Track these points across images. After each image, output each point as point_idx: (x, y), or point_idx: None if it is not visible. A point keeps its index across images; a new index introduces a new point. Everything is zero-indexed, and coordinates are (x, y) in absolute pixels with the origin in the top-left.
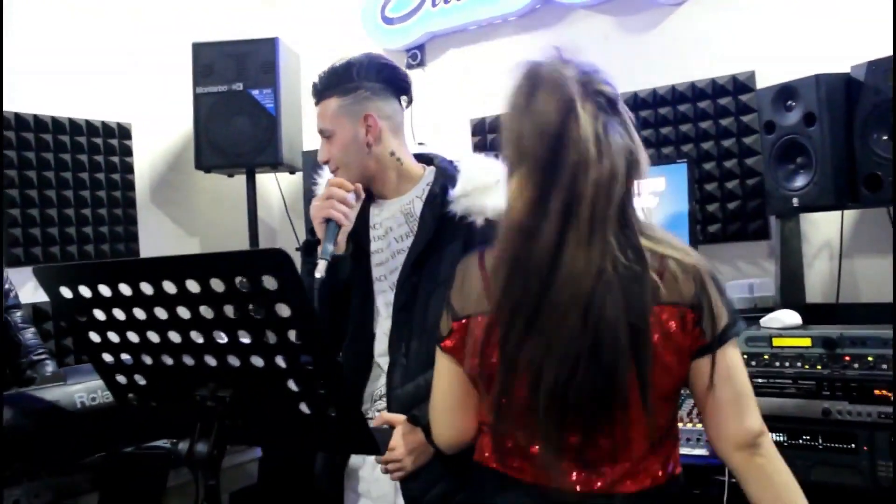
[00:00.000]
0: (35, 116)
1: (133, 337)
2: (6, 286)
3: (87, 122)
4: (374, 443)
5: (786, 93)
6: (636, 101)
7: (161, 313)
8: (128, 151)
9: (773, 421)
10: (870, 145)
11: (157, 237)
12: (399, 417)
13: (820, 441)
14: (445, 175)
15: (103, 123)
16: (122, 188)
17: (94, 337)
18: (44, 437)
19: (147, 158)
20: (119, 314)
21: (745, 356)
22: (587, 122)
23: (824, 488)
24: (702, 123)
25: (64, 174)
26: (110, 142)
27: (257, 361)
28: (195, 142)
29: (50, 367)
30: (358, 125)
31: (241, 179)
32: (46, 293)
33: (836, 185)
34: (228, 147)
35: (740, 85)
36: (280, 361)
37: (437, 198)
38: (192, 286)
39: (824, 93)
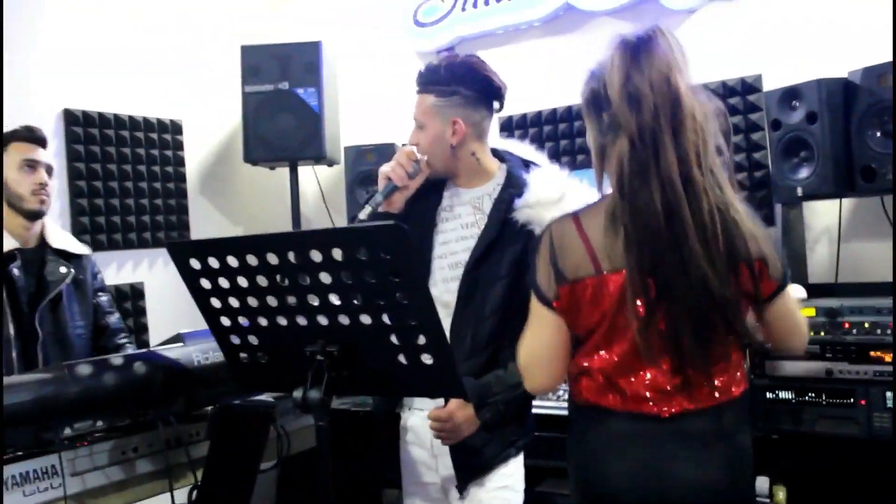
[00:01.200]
0: (100, 114)
1: (253, 301)
2: (94, 269)
3: (145, 118)
4: (462, 388)
5: (791, 94)
6: None
7: (282, 280)
8: (179, 146)
9: (783, 381)
10: (865, 141)
11: (206, 225)
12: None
13: (824, 398)
14: (515, 183)
15: (158, 120)
16: (175, 180)
17: (216, 302)
18: (169, 389)
19: (196, 152)
20: (242, 282)
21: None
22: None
23: (828, 439)
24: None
25: (125, 167)
26: (164, 137)
27: (365, 319)
28: (244, 137)
29: (130, 350)
30: (446, 126)
31: (281, 172)
32: (176, 265)
33: (836, 175)
34: (275, 142)
35: (748, 86)
36: (386, 319)
37: (504, 203)
38: (316, 256)
39: (825, 95)
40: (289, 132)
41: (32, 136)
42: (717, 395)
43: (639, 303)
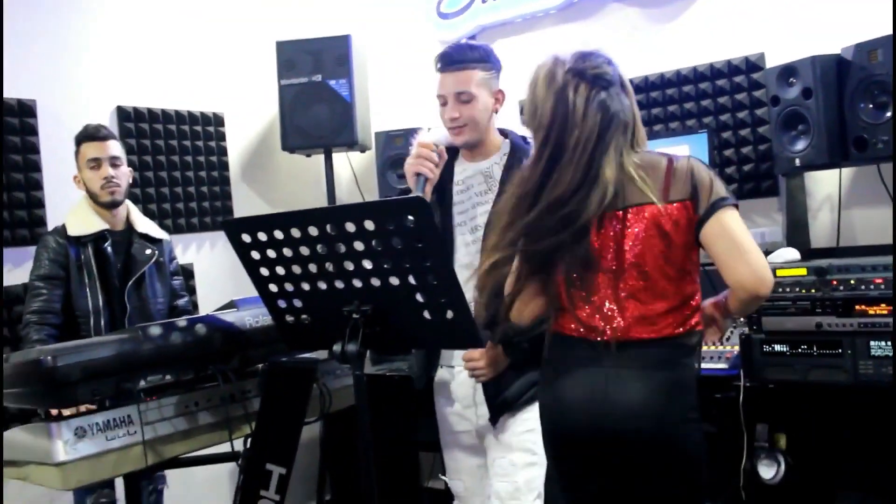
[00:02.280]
0: (149, 109)
1: (296, 269)
2: (172, 254)
3: (189, 112)
4: (480, 339)
5: (788, 72)
6: (662, 81)
7: (322, 249)
8: (222, 137)
9: (778, 335)
10: (857, 113)
11: (248, 209)
12: None
13: (814, 349)
14: (518, 149)
15: (202, 113)
16: (219, 169)
17: (264, 271)
18: (226, 348)
19: (238, 143)
20: (287, 252)
21: None
22: (572, 98)
23: (820, 387)
24: (719, 98)
25: (173, 158)
26: (208, 129)
27: (394, 281)
28: (281, 127)
29: None
30: (491, 97)
31: (316, 159)
32: (230, 239)
33: (830, 146)
34: (310, 130)
35: (751, 65)
36: (412, 279)
37: (515, 168)
38: (350, 227)
39: (819, 71)
40: (323, 121)
41: (93, 135)
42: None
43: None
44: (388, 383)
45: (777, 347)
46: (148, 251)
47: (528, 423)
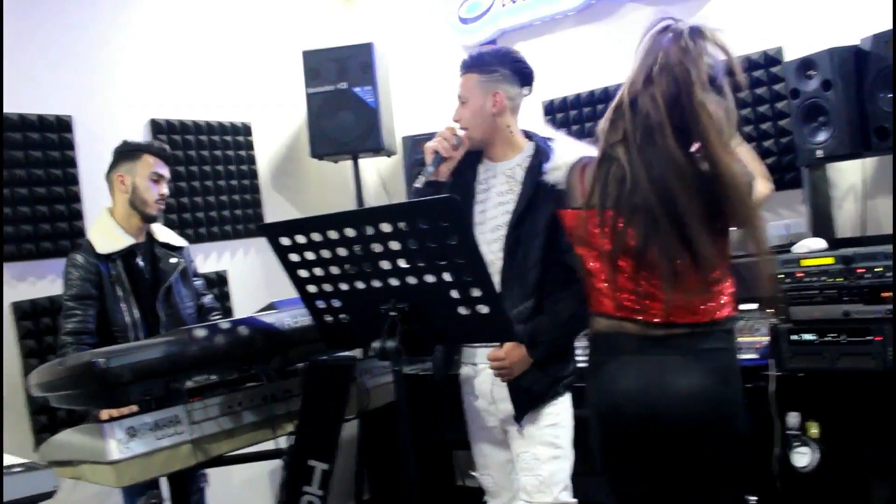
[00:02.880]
0: (181, 121)
1: (334, 270)
2: (190, 258)
3: (219, 123)
4: (514, 332)
5: (806, 64)
6: None
7: (359, 250)
8: (250, 146)
9: (805, 324)
10: (878, 103)
11: (278, 216)
12: None
13: (843, 337)
14: (542, 152)
15: (231, 123)
16: (249, 177)
17: (303, 273)
18: (267, 348)
19: (266, 151)
20: (325, 253)
21: (781, 275)
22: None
23: (849, 374)
24: (739, 93)
25: (205, 168)
26: (237, 139)
27: (430, 278)
28: (309, 134)
29: None
30: (487, 98)
31: (344, 165)
32: (269, 242)
33: (852, 137)
34: (337, 137)
35: (770, 59)
36: (446, 276)
37: (536, 169)
38: (386, 227)
39: (837, 63)
40: (349, 128)
41: (163, 154)
42: (698, 315)
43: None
44: (421, 382)
45: (805, 336)
46: (173, 260)
47: (551, 418)
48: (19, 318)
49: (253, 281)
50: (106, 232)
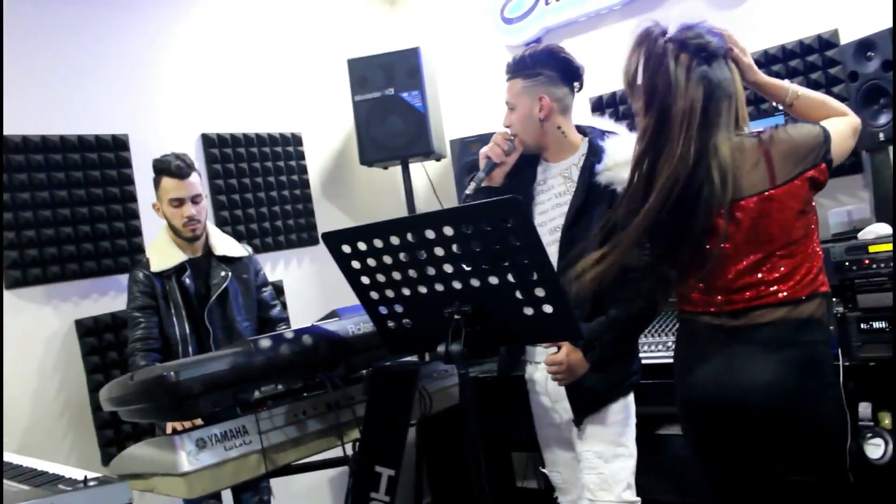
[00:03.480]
0: (231, 135)
1: (396, 275)
2: (256, 267)
3: (269, 134)
4: (580, 331)
5: (865, 45)
6: None
7: (421, 254)
8: (301, 156)
9: (875, 311)
10: None
11: (330, 225)
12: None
13: None
14: (595, 151)
15: (281, 134)
16: (300, 187)
17: (365, 280)
18: (331, 356)
19: (317, 160)
20: (387, 259)
21: (847, 263)
22: (672, 69)
23: None
24: (793, 79)
25: (256, 179)
26: (287, 149)
27: (493, 280)
28: (358, 141)
29: None
30: (534, 103)
31: (393, 171)
32: (330, 251)
33: None
34: (386, 143)
35: (825, 42)
36: (511, 278)
37: (588, 170)
38: (448, 231)
39: None
40: (398, 133)
41: (175, 173)
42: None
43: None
44: (480, 385)
45: (875, 324)
46: (222, 273)
47: (614, 415)
48: (83, 335)
49: (308, 290)
50: (160, 250)
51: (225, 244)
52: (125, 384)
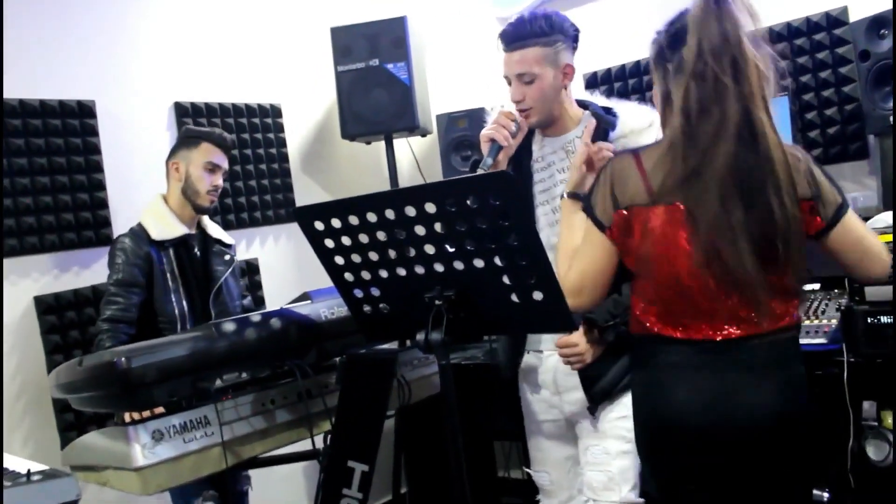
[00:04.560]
0: (206, 104)
1: (373, 256)
2: (232, 253)
3: (247, 105)
4: (572, 321)
5: (878, 23)
6: None
7: (400, 233)
8: (280, 128)
9: (883, 305)
10: None
11: (310, 201)
12: None
13: None
14: (603, 120)
15: (259, 105)
16: (279, 161)
17: (339, 260)
18: (301, 342)
19: (296, 133)
20: (363, 238)
21: None
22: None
23: None
24: (799, 59)
25: (233, 152)
26: (266, 121)
27: (479, 263)
28: (340, 114)
29: None
30: (558, 72)
31: (376, 146)
32: (301, 228)
33: None
34: (369, 116)
35: (833, 20)
36: (498, 261)
37: (599, 139)
38: (430, 208)
39: None
40: (382, 106)
41: (222, 143)
42: (772, 322)
43: (683, 234)
44: (463, 372)
45: (883, 319)
46: (227, 257)
47: (622, 409)
48: (42, 313)
49: (285, 269)
50: (160, 218)
51: (217, 227)
52: (73, 370)
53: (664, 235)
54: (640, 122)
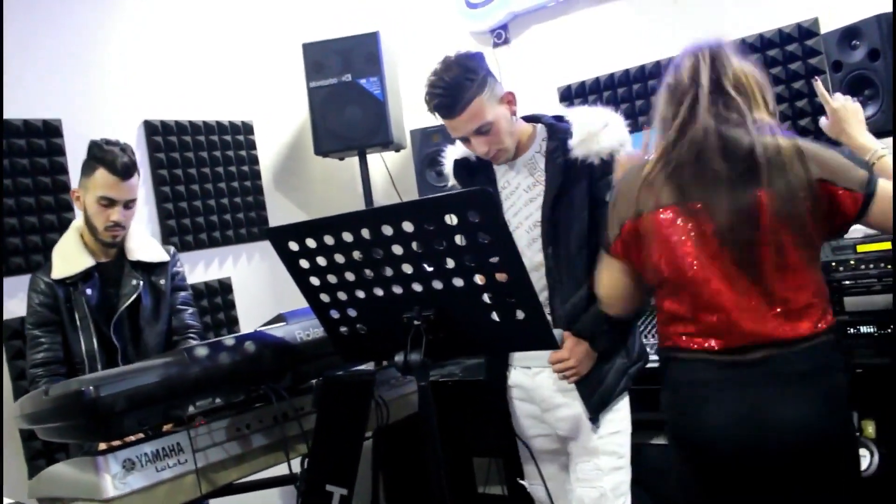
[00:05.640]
0: (177, 122)
1: (350, 276)
2: (177, 268)
3: (218, 122)
4: (554, 339)
5: (850, 33)
6: None
7: (377, 252)
8: (252, 145)
9: (863, 315)
10: None
11: (283, 218)
12: (565, 332)
13: None
14: (558, 129)
15: (230, 122)
16: (251, 178)
17: (314, 281)
18: (277, 365)
19: (269, 150)
20: (339, 258)
21: (833, 264)
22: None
23: None
24: (772, 70)
25: (204, 170)
26: (237, 138)
27: (458, 282)
28: (313, 130)
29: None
30: (503, 105)
31: (350, 162)
32: (275, 249)
33: None
34: (343, 132)
35: (805, 31)
36: (477, 280)
37: (559, 150)
38: (408, 226)
39: (886, 30)
40: (355, 122)
41: (117, 170)
42: (795, 327)
43: (685, 237)
44: (440, 389)
45: (863, 329)
46: (133, 282)
47: (614, 424)
48: (9, 338)
49: (258, 288)
50: (66, 252)
51: (142, 248)
52: (39, 399)
53: (671, 236)
54: (596, 124)
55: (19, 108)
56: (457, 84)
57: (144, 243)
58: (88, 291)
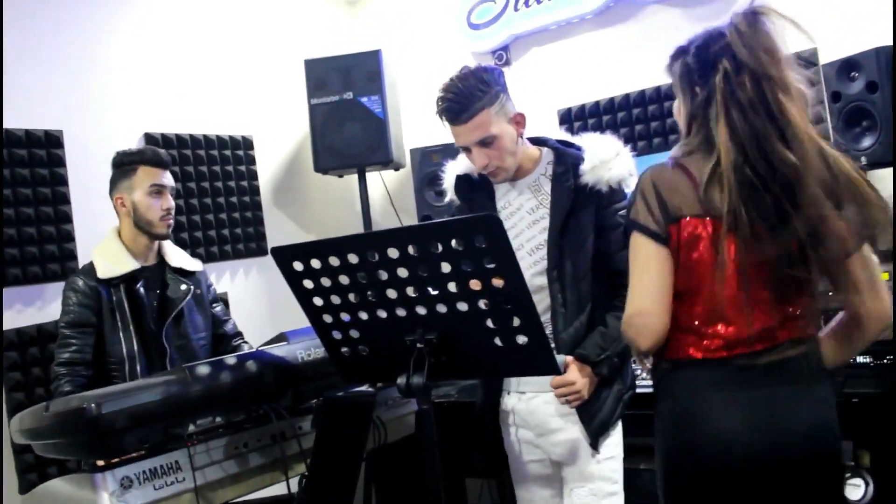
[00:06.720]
0: (177, 135)
1: (353, 297)
2: (207, 282)
3: (218, 137)
4: (557, 365)
5: (849, 65)
6: None
7: (382, 275)
8: (252, 161)
9: None
10: None
11: (281, 235)
12: (569, 357)
13: None
14: (565, 154)
15: (230, 137)
16: (250, 193)
17: (318, 301)
18: (278, 384)
19: (268, 166)
20: (343, 279)
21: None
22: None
23: None
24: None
25: (203, 184)
26: (237, 153)
27: (462, 306)
28: (313, 148)
29: (247, 349)
30: (511, 124)
31: (349, 179)
32: (280, 268)
33: None
34: (343, 150)
35: (804, 61)
36: (482, 304)
37: (568, 174)
38: (413, 250)
39: (884, 63)
40: (356, 140)
41: (158, 160)
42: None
43: (730, 247)
44: (435, 410)
45: (859, 359)
46: (183, 287)
47: (609, 450)
48: (4, 349)
49: (255, 303)
50: (109, 254)
51: (178, 256)
52: (39, 415)
53: (711, 248)
54: (608, 152)
55: (21, 119)
56: (468, 93)
57: (178, 251)
58: (142, 290)
